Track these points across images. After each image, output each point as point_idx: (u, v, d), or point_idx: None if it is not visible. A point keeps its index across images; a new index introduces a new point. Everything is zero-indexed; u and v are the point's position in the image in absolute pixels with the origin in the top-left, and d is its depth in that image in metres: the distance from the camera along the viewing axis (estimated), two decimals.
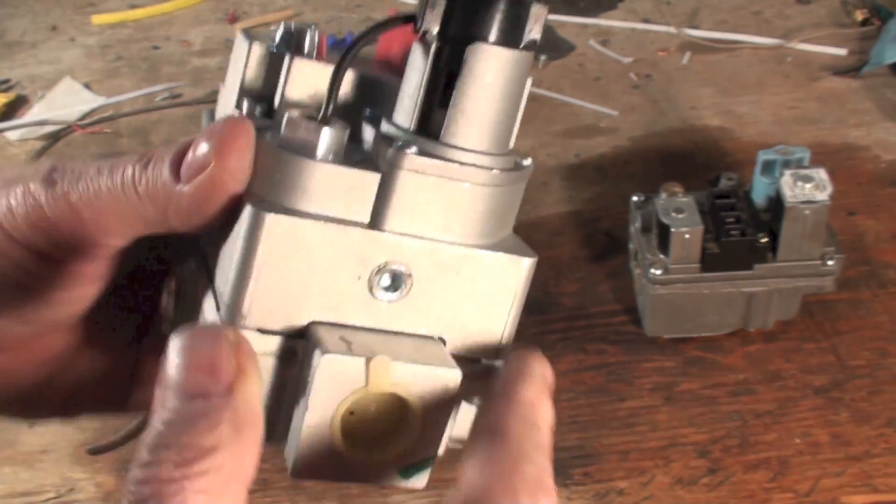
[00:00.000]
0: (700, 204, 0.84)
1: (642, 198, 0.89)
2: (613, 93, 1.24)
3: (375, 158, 0.35)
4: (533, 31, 0.35)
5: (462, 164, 0.34)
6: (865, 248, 0.96)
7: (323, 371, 0.33)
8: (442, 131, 0.35)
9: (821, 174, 0.81)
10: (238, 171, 0.33)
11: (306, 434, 0.33)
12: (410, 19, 0.35)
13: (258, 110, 0.39)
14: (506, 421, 0.33)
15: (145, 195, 0.33)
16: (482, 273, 0.36)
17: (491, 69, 0.34)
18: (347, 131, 0.35)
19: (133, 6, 1.59)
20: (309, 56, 0.39)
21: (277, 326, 0.34)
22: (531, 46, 0.35)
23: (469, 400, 0.37)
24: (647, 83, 1.25)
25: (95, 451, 0.79)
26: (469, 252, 0.35)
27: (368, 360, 0.33)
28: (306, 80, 0.38)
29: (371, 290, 0.35)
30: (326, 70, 0.36)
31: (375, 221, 0.34)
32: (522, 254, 0.36)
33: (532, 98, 0.36)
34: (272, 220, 0.33)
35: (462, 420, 0.37)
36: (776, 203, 0.82)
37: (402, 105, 0.36)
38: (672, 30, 1.35)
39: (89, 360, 0.40)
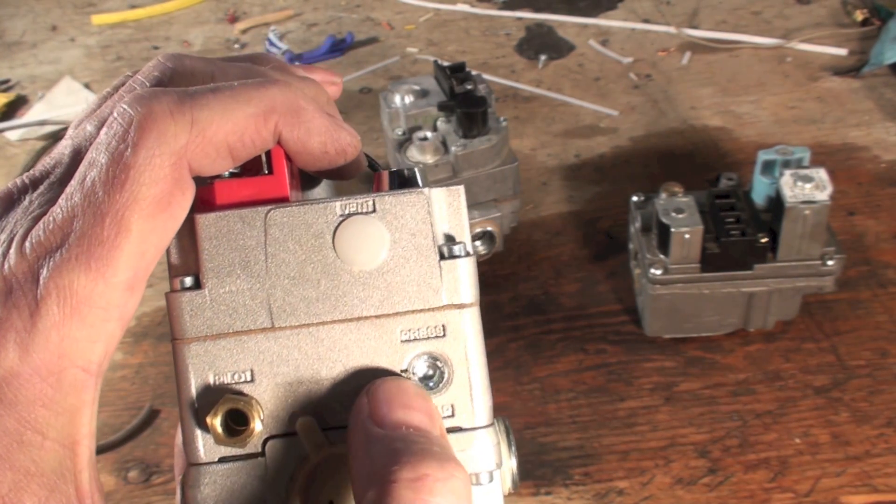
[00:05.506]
0: (700, 204, 0.84)
1: (642, 198, 0.89)
2: (613, 93, 1.24)
3: None
4: None
5: None
6: (865, 248, 0.96)
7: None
8: None
9: (821, 174, 0.81)
10: None
11: None
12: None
13: None
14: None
15: None
16: None
17: None
18: None
19: (133, 6, 1.59)
20: None
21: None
22: None
23: None
24: (647, 83, 1.25)
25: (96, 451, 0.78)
26: None
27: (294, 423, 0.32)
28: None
29: None
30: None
31: None
32: None
33: (532, 98, 0.36)
34: None
35: None
36: (776, 203, 0.82)
37: None
38: (672, 30, 1.35)
39: None
